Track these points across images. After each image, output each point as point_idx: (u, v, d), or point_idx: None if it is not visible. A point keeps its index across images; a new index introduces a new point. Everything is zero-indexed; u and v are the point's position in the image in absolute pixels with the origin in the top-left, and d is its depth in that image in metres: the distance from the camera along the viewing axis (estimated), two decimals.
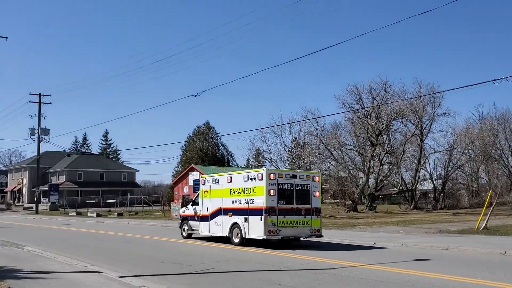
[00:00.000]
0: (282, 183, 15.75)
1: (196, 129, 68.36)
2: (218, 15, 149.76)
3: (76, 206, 58.17)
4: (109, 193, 72.24)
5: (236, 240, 16.26)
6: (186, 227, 19.65)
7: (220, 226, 17.08)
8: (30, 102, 58.42)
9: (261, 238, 15.17)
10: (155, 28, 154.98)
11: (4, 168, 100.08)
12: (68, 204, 59.97)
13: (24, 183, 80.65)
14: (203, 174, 38.51)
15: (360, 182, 47.30)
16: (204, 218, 18.04)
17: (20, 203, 78.42)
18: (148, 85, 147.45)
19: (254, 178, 15.92)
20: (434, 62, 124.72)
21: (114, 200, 59.93)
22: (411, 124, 46.74)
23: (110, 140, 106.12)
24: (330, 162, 49.05)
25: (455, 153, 49.04)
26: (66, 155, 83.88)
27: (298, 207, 15.91)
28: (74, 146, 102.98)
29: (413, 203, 46.27)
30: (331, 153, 46.32)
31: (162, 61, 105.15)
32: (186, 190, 40.31)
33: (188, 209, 19.70)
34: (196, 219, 18.70)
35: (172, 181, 48.86)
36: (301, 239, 16.59)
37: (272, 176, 15.57)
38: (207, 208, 17.92)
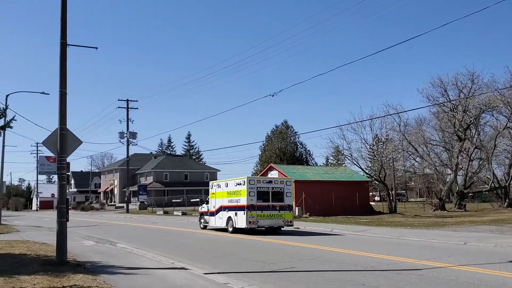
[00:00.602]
0: (260, 187, 20.96)
1: (274, 128, 68.77)
2: (294, 14, 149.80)
3: (163, 205, 60.93)
4: (193, 192, 74.96)
5: (230, 229, 21.62)
6: (202, 220, 25.02)
7: (221, 219, 22.54)
8: (118, 107, 62.21)
9: (244, 227, 20.54)
10: (232, 31, 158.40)
11: (97, 170, 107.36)
12: (156, 204, 63.03)
13: (115, 184, 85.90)
14: (282, 174, 38.74)
15: (448, 179, 44.98)
16: (212, 214, 23.64)
17: (112, 203, 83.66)
18: (227, 87, 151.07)
19: (240, 184, 21.22)
20: None
21: (198, 199, 61.89)
22: (502, 116, 43.62)
23: (193, 141, 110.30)
24: (414, 159, 47.16)
25: None
26: (153, 157, 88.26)
27: (273, 204, 21.00)
28: (160, 148, 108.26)
29: (507, 200, 43.16)
30: (416, 150, 44.44)
31: (240, 63, 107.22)
32: None
33: (203, 207, 25.00)
34: (208, 214, 24.15)
35: None
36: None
37: (251, 182, 20.86)
38: (214, 206, 23.54)
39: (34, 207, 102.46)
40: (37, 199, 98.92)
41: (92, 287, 8.33)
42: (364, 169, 46.00)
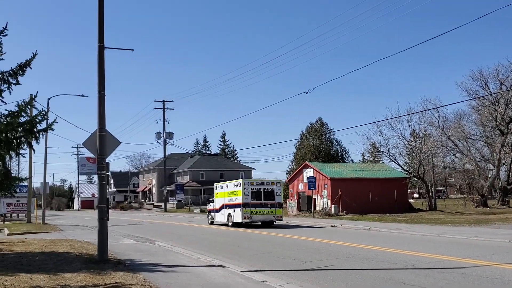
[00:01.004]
0: (254, 188, 24.90)
1: (309, 126, 68.22)
2: (327, 11, 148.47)
3: (200, 204, 61.67)
4: None
5: (230, 223, 25.59)
6: (209, 217, 29.28)
7: (224, 216, 26.64)
8: (155, 108, 63.37)
9: (240, 221, 24.38)
10: (266, 30, 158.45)
11: (135, 170, 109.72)
12: (192, 202, 63.88)
13: (153, 183, 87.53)
14: (317, 171, 38.49)
15: (490, 175, 43.52)
16: (216, 211, 27.90)
17: (150, 202, 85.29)
18: (260, 85, 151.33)
19: (237, 185, 25.28)
20: None
21: None
22: None
23: (228, 140, 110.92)
24: (454, 155, 45.89)
25: None
26: (189, 156, 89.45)
27: (265, 202, 24.88)
28: (195, 147, 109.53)
29: None
30: (455, 145, 43.24)
31: (273, 61, 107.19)
32: (301, 187, 40.49)
33: (210, 206, 29.28)
34: (214, 211, 28.42)
35: (287, 178, 49.41)
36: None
37: (246, 184, 24.88)
38: (218, 204, 27.78)
39: (75, 206, 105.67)
40: (78, 199, 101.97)
41: (133, 285, 8.50)
42: (402, 166, 45.08)
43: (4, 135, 10.33)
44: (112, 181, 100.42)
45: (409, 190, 54.28)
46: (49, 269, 10.42)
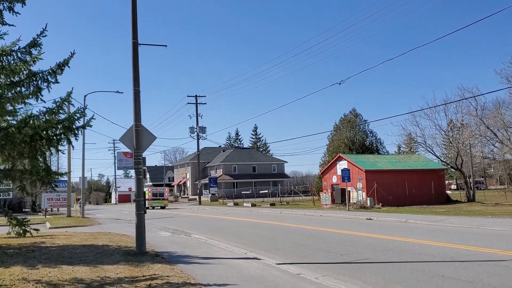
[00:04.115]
0: (154, 190, 52.74)
1: (343, 117, 67.33)
2: (357, 1, 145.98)
3: (233, 197, 62.14)
4: (261, 184, 75.72)
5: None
6: (147, 205, 49.52)
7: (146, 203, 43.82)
8: (188, 103, 64.07)
9: (147, 207, 35.39)
10: (297, 23, 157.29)
11: (170, 164, 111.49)
12: (226, 195, 64.41)
13: (187, 177, 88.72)
14: (351, 163, 38.03)
15: None
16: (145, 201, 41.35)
17: (185, 195, 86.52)
18: (293, 77, 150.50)
19: (147, 189, 43.57)
20: None
21: (266, 191, 62.62)
22: None
23: (259, 134, 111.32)
24: (493, 144, 44.29)
25: None
26: (222, 150, 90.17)
27: (158, 198, 51.65)
28: (228, 141, 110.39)
29: None
30: (495, 134, 41.79)
31: (306, 52, 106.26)
32: (334, 179, 40.14)
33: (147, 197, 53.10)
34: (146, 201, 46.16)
35: (320, 171, 49.06)
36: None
37: (150, 189, 52.03)
38: (146, 197, 45.80)
39: (113, 200, 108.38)
40: (115, 193, 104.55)
41: (171, 276, 8.65)
42: (439, 157, 44.03)
43: (44, 132, 10.65)
44: (148, 176, 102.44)
45: (446, 182, 53.01)
46: (89, 261, 10.73)
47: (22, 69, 11.97)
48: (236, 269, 9.69)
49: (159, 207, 50.94)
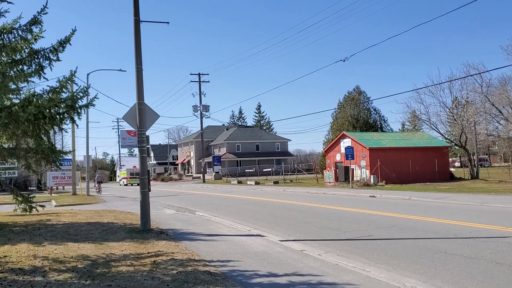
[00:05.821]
0: (131, 171, 64.12)
1: (347, 94, 67.10)
2: None
3: (237, 175, 62.47)
4: (264, 162, 75.93)
5: (123, 184, 65.98)
6: (121, 182, 70.26)
7: (123, 182, 70.19)
8: (191, 82, 63.86)
9: (125, 184, 64.72)
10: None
11: (174, 143, 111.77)
12: (229, 174, 64.72)
13: (191, 155, 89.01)
14: (355, 141, 38.00)
15: None
16: (125, 179, 69.01)
17: (189, 174, 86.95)
18: (296, 55, 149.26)
19: (126, 171, 67.57)
20: None
21: (270, 169, 62.86)
22: None
23: (263, 112, 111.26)
24: (498, 122, 43.96)
25: None
26: (225, 128, 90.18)
27: (135, 177, 59.24)
28: (231, 120, 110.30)
29: None
30: (500, 112, 41.47)
31: (309, 29, 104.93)
32: (338, 157, 40.15)
33: (124, 177, 67.45)
34: (124, 179, 67.47)
35: (324, 149, 49.10)
36: None
37: (128, 170, 66.77)
38: (124, 177, 70.27)
39: (117, 179, 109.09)
40: (120, 171, 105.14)
41: (175, 253, 8.74)
42: (443, 134, 43.83)
43: (48, 110, 10.62)
44: (152, 154, 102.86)
45: (450, 159, 52.96)
46: (94, 238, 10.86)
47: (24, 47, 11.89)
48: (240, 246, 9.78)
49: (136, 184, 58.91)
